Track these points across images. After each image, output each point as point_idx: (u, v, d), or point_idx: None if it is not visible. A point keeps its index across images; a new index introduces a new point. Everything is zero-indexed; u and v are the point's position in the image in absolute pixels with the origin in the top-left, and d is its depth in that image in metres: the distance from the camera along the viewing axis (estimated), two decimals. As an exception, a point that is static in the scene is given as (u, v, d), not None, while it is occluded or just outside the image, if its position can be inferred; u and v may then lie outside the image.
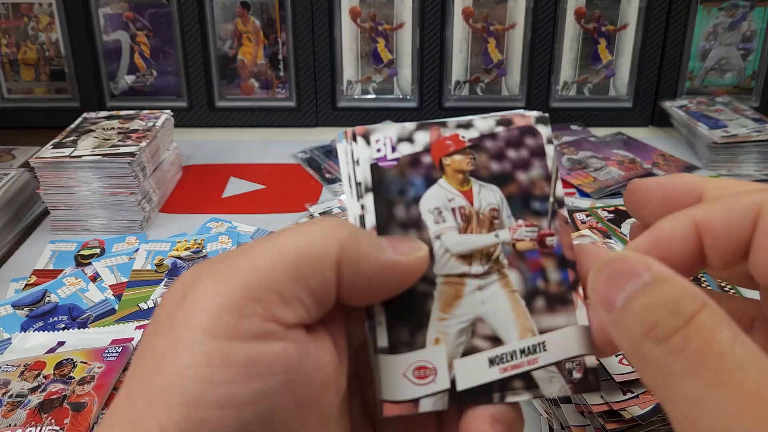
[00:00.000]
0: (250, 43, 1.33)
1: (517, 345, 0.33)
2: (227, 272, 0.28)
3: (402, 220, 0.33)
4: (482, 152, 0.34)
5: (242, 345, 0.27)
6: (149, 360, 0.28)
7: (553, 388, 0.33)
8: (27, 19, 1.32)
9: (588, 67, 1.35)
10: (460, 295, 0.33)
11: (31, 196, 1.03)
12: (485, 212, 0.34)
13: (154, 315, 0.30)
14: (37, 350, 0.70)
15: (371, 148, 0.34)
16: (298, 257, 0.29)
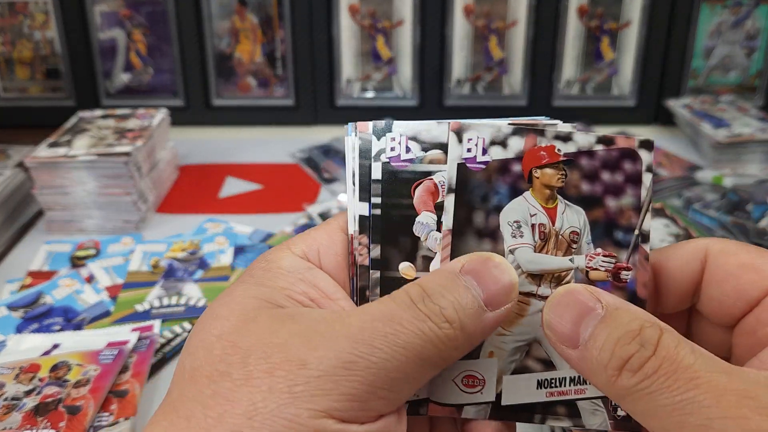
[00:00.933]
0: (247, 41, 1.33)
1: (568, 373, 0.33)
2: (358, 364, 0.29)
3: (479, 228, 0.32)
4: (575, 169, 0.33)
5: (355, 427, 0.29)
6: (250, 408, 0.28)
7: (594, 421, 0.33)
8: (22, 17, 1.31)
9: (590, 65, 1.34)
10: (523, 314, 0.33)
11: (26, 197, 1.02)
12: (565, 234, 0.33)
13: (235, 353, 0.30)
14: (32, 352, 0.70)
15: (462, 147, 0.32)
16: (420, 361, 0.30)
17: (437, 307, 0.30)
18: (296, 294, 0.33)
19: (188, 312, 0.78)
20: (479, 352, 0.32)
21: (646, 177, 0.34)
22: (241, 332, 0.30)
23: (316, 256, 0.35)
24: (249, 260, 0.88)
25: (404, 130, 0.34)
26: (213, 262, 0.87)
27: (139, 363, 0.68)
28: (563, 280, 0.33)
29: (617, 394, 0.29)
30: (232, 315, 0.31)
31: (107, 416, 0.62)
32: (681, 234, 0.90)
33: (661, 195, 1.04)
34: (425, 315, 0.30)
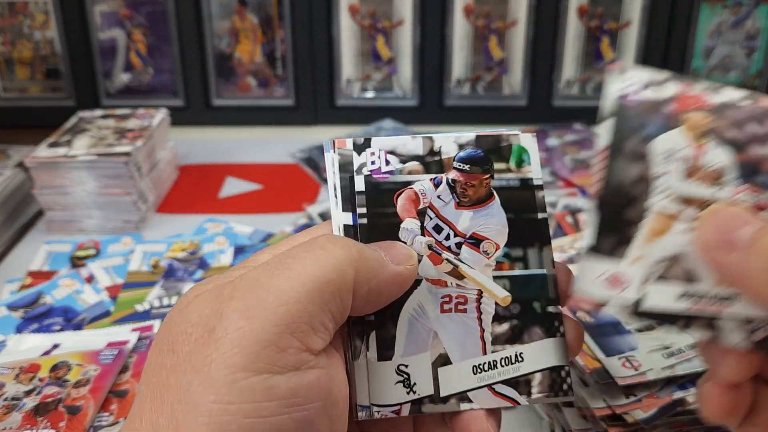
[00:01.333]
0: (247, 41, 1.33)
1: (711, 289, 0.34)
2: (256, 308, 0.29)
3: (632, 152, 0.35)
4: (723, 118, 0.35)
5: (283, 378, 0.29)
6: (182, 397, 0.28)
7: (733, 338, 0.34)
8: (22, 17, 1.31)
9: (591, 65, 1.34)
10: (666, 231, 0.35)
11: (26, 197, 1.02)
12: (712, 168, 0.35)
13: (167, 348, 0.30)
14: (32, 352, 0.70)
15: (620, 84, 0.35)
16: (320, 287, 0.30)
17: (343, 241, 0.33)
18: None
19: (188, 312, 0.78)
20: (625, 254, 0.34)
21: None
22: (175, 322, 0.31)
23: None
24: (249, 260, 0.88)
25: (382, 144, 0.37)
26: (213, 262, 0.87)
27: (139, 363, 0.68)
28: (707, 207, 0.35)
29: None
30: (176, 307, 0.32)
31: (107, 416, 0.62)
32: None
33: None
34: (321, 243, 0.32)
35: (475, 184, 0.39)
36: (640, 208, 0.35)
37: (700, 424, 0.56)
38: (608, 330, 0.60)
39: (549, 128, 1.30)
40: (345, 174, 0.37)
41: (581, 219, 0.94)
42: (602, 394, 0.56)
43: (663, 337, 0.59)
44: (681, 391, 0.56)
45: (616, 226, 0.35)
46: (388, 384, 0.36)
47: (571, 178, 1.10)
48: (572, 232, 0.90)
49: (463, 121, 1.35)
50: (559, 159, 1.16)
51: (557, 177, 1.12)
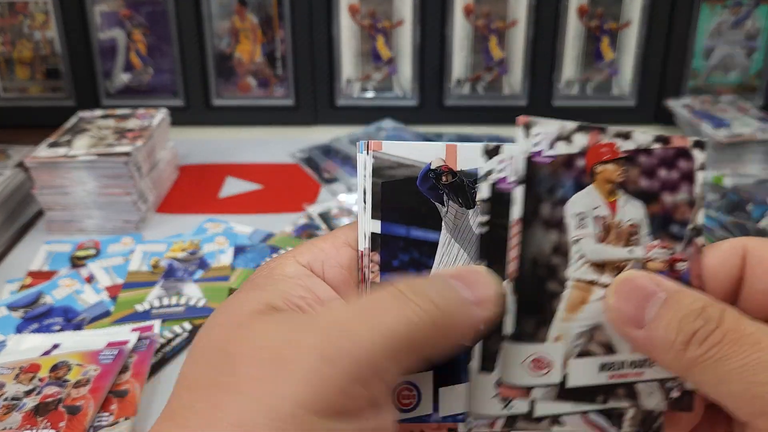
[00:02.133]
0: (247, 41, 1.33)
1: (628, 357, 0.34)
2: (338, 353, 0.29)
3: (546, 219, 0.34)
4: (634, 166, 0.35)
5: (344, 423, 0.29)
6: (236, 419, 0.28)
7: (651, 402, 0.35)
8: (22, 17, 1.31)
9: (591, 65, 1.34)
10: (586, 301, 0.34)
11: (26, 197, 1.02)
12: (625, 226, 0.35)
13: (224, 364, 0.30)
14: (32, 352, 0.70)
15: (529, 141, 0.34)
16: (406, 347, 0.30)
17: (424, 293, 0.31)
18: (295, 298, 0.33)
19: (188, 312, 0.78)
20: (546, 336, 0.34)
21: (699, 175, 0.36)
22: (234, 339, 0.31)
23: (320, 267, 0.36)
24: (249, 260, 0.88)
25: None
26: (213, 262, 0.87)
27: (139, 363, 0.68)
28: (623, 269, 0.35)
29: (684, 367, 0.31)
30: (229, 322, 0.32)
31: (107, 416, 0.62)
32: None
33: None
34: (410, 300, 0.31)
35: None
36: (559, 279, 0.34)
37: (701, 423, 0.56)
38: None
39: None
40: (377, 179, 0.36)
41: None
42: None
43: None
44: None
45: (536, 306, 0.34)
46: (486, 396, 0.35)
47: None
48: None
49: (463, 121, 1.35)
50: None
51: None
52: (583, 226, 0.34)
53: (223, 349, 0.31)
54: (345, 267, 0.36)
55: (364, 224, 0.36)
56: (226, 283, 0.84)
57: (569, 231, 0.34)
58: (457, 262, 0.37)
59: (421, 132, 1.28)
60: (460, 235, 0.37)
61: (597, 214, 0.34)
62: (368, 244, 0.36)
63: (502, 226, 0.34)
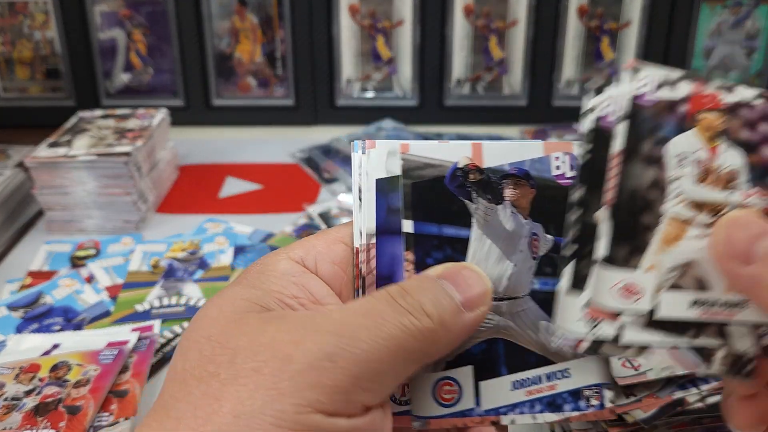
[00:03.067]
0: (247, 41, 1.32)
1: (722, 296, 0.34)
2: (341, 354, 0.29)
3: (647, 155, 0.34)
4: (736, 118, 0.35)
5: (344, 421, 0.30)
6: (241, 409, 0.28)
7: (742, 344, 0.35)
8: (22, 17, 1.31)
9: (591, 65, 1.34)
10: (680, 237, 0.35)
11: (26, 197, 1.02)
12: (724, 171, 0.35)
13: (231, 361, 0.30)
14: (32, 352, 0.70)
15: (634, 84, 0.35)
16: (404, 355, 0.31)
17: (417, 303, 0.32)
18: (287, 297, 0.34)
19: (188, 312, 0.78)
20: (638, 264, 0.34)
21: None
22: (230, 333, 0.31)
23: (313, 263, 0.36)
24: (249, 260, 0.88)
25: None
26: (213, 262, 0.87)
27: (139, 363, 0.68)
28: (720, 212, 0.35)
29: None
30: (222, 316, 0.32)
31: (107, 416, 0.62)
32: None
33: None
34: (405, 309, 0.31)
35: None
36: (655, 213, 0.34)
37: (701, 423, 0.56)
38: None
39: (549, 128, 1.30)
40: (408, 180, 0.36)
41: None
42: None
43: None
44: (681, 391, 0.55)
45: (630, 234, 0.34)
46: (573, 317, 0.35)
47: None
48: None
49: (463, 121, 1.35)
50: None
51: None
52: (682, 165, 0.35)
53: (220, 341, 0.31)
54: (337, 263, 0.37)
55: (360, 221, 0.37)
56: (226, 284, 0.83)
57: (668, 169, 0.35)
58: (488, 257, 0.38)
59: (421, 132, 1.28)
60: (490, 231, 0.38)
61: (697, 157, 0.35)
62: (365, 241, 0.37)
63: (602, 158, 0.35)
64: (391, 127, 1.28)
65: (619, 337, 0.34)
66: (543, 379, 0.36)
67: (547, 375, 0.36)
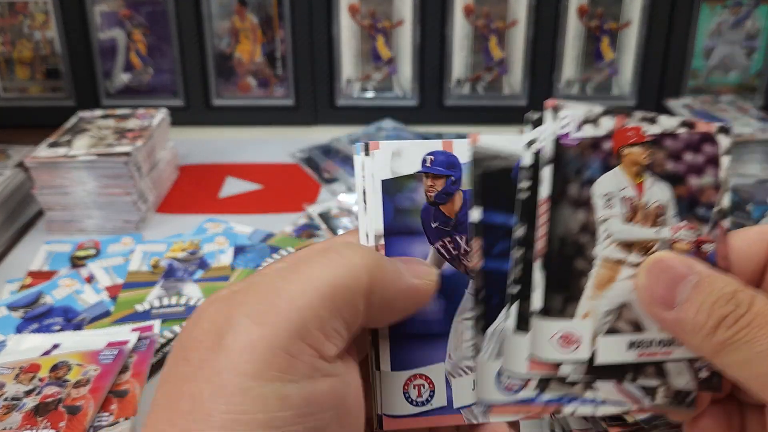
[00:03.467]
0: (247, 41, 1.32)
1: (657, 335, 0.35)
2: (268, 313, 0.29)
3: (574, 198, 0.35)
4: (660, 150, 0.36)
5: (296, 386, 0.28)
6: (191, 406, 0.28)
7: (680, 381, 0.35)
8: (22, 17, 1.31)
9: (591, 65, 1.34)
10: (613, 279, 0.35)
11: (26, 197, 1.02)
12: (652, 207, 0.36)
13: (181, 356, 0.29)
14: (32, 352, 0.70)
15: (557, 123, 0.35)
16: (333, 291, 0.30)
17: (357, 249, 0.32)
18: None
19: (188, 312, 0.78)
20: (575, 312, 0.34)
21: (724, 159, 0.36)
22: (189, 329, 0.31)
23: None
24: (249, 260, 0.88)
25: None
26: (213, 262, 0.87)
27: (139, 363, 0.68)
28: (650, 250, 0.35)
29: (712, 349, 0.31)
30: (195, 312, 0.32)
31: (107, 416, 0.62)
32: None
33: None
34: (338, 248, 0.32)
35: None
36: (587, 257, 0.35)
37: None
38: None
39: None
40: (477, 170, 0.36)
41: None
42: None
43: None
44: (681, 391, 0.56)
45: (564, 283, 0.34)
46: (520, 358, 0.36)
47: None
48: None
49: (463, 121, 1.35)
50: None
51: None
52: (610, 206, 0.35)
53: (180, 341, 0.30)
54: None
55: (366, 224, 0.36)
56: (226, 284, 0.84)
57: (597, 211, 0.35)
58: None
59: (421, 132, 1.28)
60: None
61: (624, 195, 0.35)
62: (372, 243, 0.36)
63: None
64: (391, 127, 1.28)
65: (565, 377, 0.35)
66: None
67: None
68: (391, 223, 0.37)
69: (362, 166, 0.37)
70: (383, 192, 0.36)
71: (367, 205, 0.36)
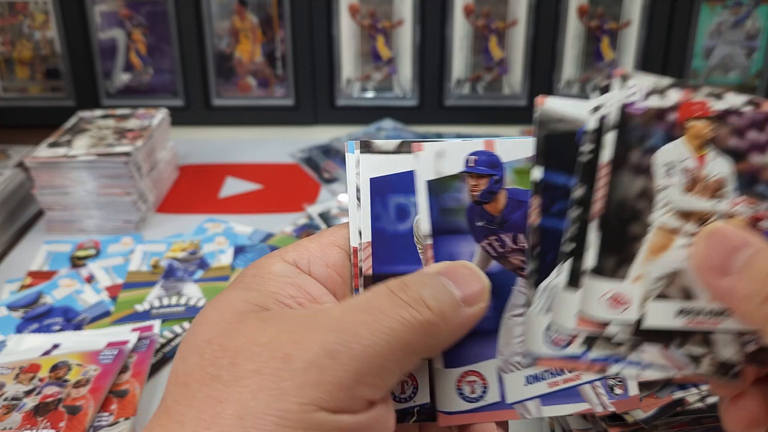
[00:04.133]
0: (247, 41, 1.32)
1: (707, 305, 0.35)
2: (341, 351, 0.30)
3: (635, 165, 0.35)
4: (724, 125, 0.36)
5: (347, 417, 0.30)
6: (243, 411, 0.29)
7: (726, 352, 0.35)
8: (22, 17, 1.31)
9: (591, 65, 1.34)
10: (667, 247, 0.35)
11: (26, 197, 1.02)
12: (711, 180, 0.36)
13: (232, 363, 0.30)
14: (32, 352, 0.70)
15: (625, 92, 0.35)
16: (403, 348, 0.31)
17: (417, 295, 0.32)
18: (284, 298, 0.34)
19: (188, 312, 0.78)
20: (626, 274, 0.35)
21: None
22: (230, 335, 0.31)
23: (306, 265, 0.36)
24: (249, 260, 0.88)
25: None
26: (213, 262, 0.87)
27: (139, 363, 0.68)
28: (707, 221, 0.35)
29: (764, 319, 0.31)
30: (221, 319, 0.32)
31: (107, 416, 0.62)
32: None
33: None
34: (405, 302, 0.32)
35: None
36: (643, 223, 0.35)
37: (700, 423, 0.56)
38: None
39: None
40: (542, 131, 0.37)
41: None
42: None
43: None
44: (681, 391, 0.56)
45: (618, 245, 0.35)
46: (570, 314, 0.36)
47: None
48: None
49: (463, 121, 1.35)
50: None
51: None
52: (670, 175, 0.35)
53: (220, 344, 0.31)
54: (331, 266, 0.37)
55: (357, 221, 0.37)
56: (226, 283, 0.84)
57: (656, 179, 0.35)
58: None
59: (421, 132, 1.28)
60: None
61: (685, 166, 0.35)
62: (362, 240, 0.37)
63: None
64: (391, 127, 1.28)
65: (612, 336, 0.35)
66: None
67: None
68: (437, 223, 0.37)
69: (356, 163, 0.38)
70: (428, 192, 0.37)
71: (359, 202, 0.38)
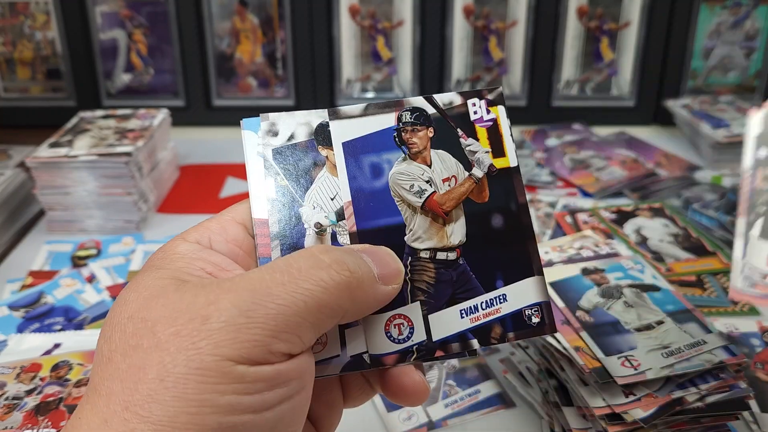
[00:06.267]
0: (247, 41, 1.33)
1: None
2: (256, 310, 0.31)
3: None
4: None
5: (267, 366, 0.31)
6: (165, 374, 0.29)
7: None
8: (23, 18, 1.31)
9: (590, 66, 1.35)
10: None
11: (27, 197, 1.02)
12: None
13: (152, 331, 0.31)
14: (33, 352, 0.70)
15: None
16: (318, 308, 0.32)
17: (340, 258, 0.33)
18: (195, 270, 0.35)
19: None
20: None
21: None
22: (149, 307, 0.32)
23: (208, 242, 0.37)
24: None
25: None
26: (213, 262, 0.87)
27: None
28: None
29: None
30: (139, 296, 0.33)
31: (108, 415, 0.62)
32: (680, 234, 0.90)
33: (660, 195, 1.04)
34: (327, 264, 0.33)
35: None
36: None
37: (700, 423, 0.56)
38: (607, 329, 0.60)
39: (548, 128, 1.30)
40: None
41: (580, 219, 0.94)
42: (601, 393, 0.56)
43: (662, 336, 0.59)
44: (680, 391, 0.56)
45: None
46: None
47: (570, 178, 1.10)
48: (571, 231, 0.90)
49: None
50: (559, 159, 1.16)
51: (556, 177, 1.12)
52: None
53: (141, 317, 0.31)
54: (231, 240, 0.37)
55: (260, 192, 0.39)
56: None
57: None
58: None
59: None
60: None
61: None
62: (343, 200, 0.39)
63: None
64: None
65: None
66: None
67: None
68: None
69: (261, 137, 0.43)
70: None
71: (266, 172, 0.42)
